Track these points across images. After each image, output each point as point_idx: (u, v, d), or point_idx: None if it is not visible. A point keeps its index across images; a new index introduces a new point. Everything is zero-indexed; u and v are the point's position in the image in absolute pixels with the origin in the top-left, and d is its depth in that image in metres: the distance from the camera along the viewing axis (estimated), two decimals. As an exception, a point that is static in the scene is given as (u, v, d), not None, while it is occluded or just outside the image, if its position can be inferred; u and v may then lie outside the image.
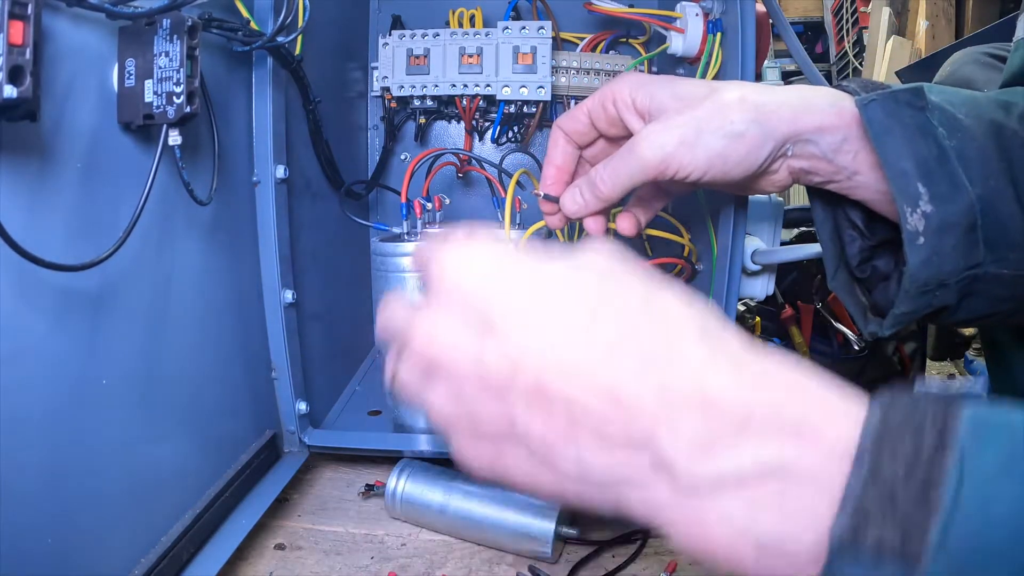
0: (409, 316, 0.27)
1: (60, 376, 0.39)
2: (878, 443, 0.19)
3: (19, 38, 0.30)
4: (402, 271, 0.65)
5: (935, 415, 0.19)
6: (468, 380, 0.25)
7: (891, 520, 0.19)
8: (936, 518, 0.18)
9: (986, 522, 0.18)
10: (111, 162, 0.42)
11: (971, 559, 0.18)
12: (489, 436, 0.25)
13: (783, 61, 3.18)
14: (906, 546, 0.18)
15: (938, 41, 2.05)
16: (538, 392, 0.23)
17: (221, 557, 0.51)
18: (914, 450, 0.19)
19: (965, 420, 0.19)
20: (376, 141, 0.96)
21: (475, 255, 0.26)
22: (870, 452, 0.19)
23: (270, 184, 0.61)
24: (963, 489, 0.18)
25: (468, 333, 0.25)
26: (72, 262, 0.36)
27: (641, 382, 0.22)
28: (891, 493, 0.19)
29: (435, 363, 0.26)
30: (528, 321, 0.24)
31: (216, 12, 0.48)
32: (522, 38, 0.79)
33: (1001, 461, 0.19)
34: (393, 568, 0.57)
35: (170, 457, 0.50)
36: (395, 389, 0.28)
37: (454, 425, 0.26)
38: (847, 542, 0.19)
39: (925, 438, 0.19)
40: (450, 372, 0.25)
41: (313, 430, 0.69)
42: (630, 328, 0.23)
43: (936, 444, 0.19)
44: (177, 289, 0.50)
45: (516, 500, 0.59)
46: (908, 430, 0.19)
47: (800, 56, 0.68)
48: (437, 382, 0.26)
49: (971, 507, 0.18)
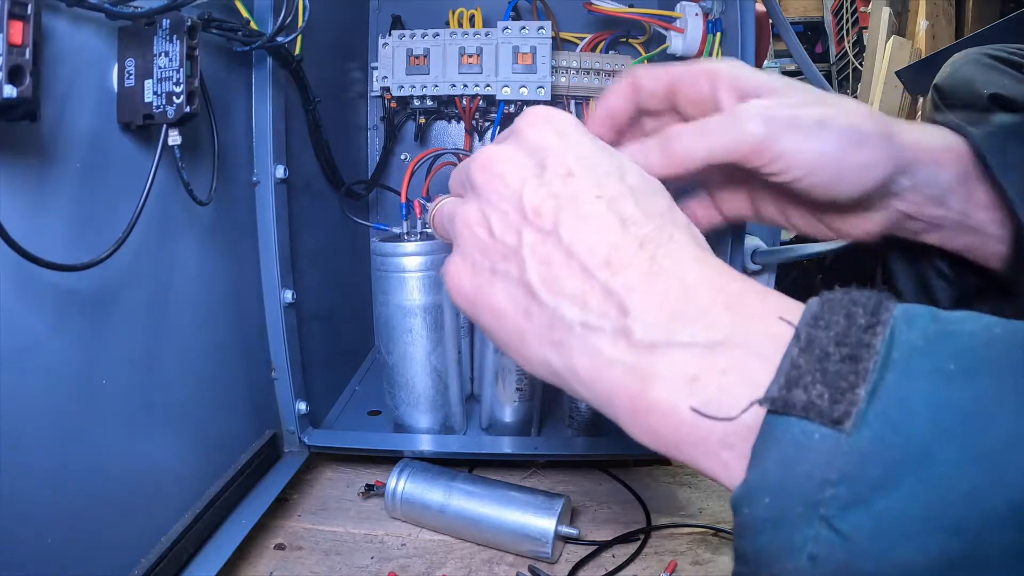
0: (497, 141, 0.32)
1: (60, 376, 0.39)
2: (814, 321, 0.21)
3: (19, 38, 0.30)
4: (402, 271, 0.65)
5: (868, 302, 0.21)
6: (503, 201, 0.29)
7: (820, 383, 0.20)
8: (863, 385, 0.19)
9: (910, 395, 0.19)
10: (111, 162, 0.42)
11: (895, 431, 0.19)
12: (490, 258, 0.29)
13: (783, 61, 3.18)
14: (833, 408, 0.19)
15: (938, 41, 2.05)
16: (553, 228, 0.27)
17: (221, 557, 0.51)
18: (847, 325, 0.21)
19: (897, 309, 0.21)
20: (376, 141, 0.96)
21: (554, 119, 0.31)
22: (806, 327, 0.21)
23: (270, 184, 0.61)
24: (890, 361, 0.19)
25: (525, 167, 0.29)
26: (72, 262, 0.36)
27: (638, 253, 0.26)
28: (822, 358, 0.20)
29: (487, 181, 0.30)
30: (570, 173, 0.28)
31: (216, 12, 0.48)
32: (522, 38, 0.79)
33: (927, 338, 0.20)
34: (393, 568, 0.57)
35: (170, 457, 0.50)
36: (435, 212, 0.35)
37: (468, 239, 0.30)
38: (779, 404, 0.20)
39: (858, 318, 0.21)
40: (494, 188, 0.29)
41: (313, 430, 0.69)
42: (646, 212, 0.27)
43: (868, 323, 0.20)
44: (177, 289, 0.50)
45: (516, 500, 0.59)
46: (842, 311, 0.21)
47: (800, 56, 0.68)
48: (474, 195, 0.30)
49: (897, 379, 0.19)
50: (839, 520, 0.19)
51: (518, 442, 0.68)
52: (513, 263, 0.28)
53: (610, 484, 0.71)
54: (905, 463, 0.18)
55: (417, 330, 0.66)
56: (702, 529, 0.62)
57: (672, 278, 0.25)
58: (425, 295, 0.65)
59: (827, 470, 0.19)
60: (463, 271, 0.30)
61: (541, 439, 0.70)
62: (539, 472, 0.73)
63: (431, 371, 0.67)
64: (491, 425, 0.71)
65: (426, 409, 0.69)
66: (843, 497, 0.19)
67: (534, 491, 0.61)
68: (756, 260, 0.63)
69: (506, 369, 0.67)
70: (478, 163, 0.31)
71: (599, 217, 0.27)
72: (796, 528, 0.19)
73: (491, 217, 0.29)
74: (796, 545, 0.19)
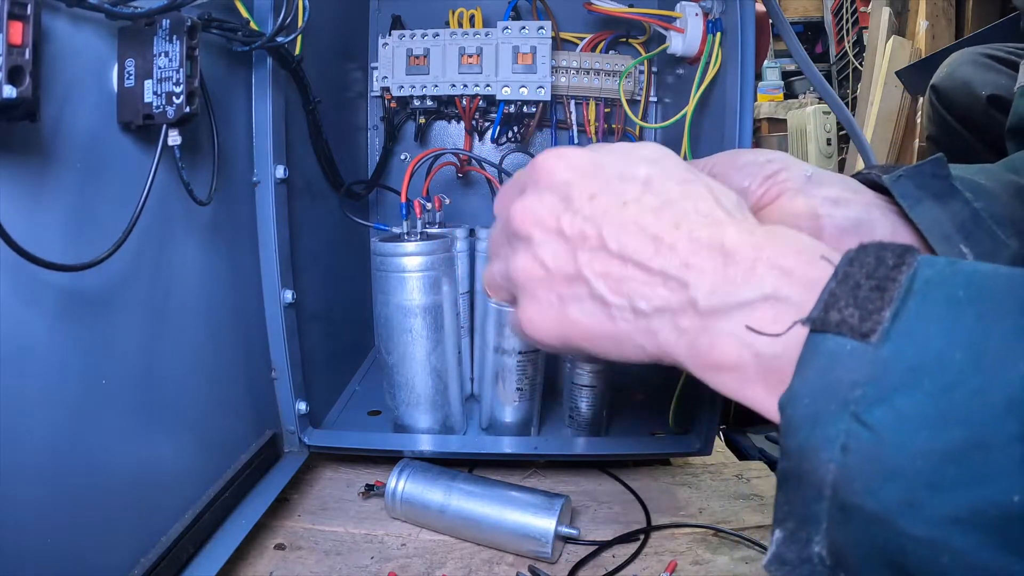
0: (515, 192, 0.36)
1: (60, 376, 0.39)
2: (849, 262, 0.25)
3: (19, 38, 0.30)
4: (402, 271, 0.65)
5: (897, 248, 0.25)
6: (548, 239, 0.33)
7: (852, 306, 0.24)
8: (888, 308, 0.23)
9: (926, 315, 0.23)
10: (111, 162, 0.42)
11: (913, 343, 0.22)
12: (557, 290, 0.32)
13: (783, 61, 3.18)
14: (863, 324, 0.23)
15: (938, 41, 2.05)
16: (600, 246, 0.31)
17: (221, 557, 0.51)
18: (876, 264, 0.25)
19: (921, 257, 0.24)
20: (376, 141, 0.96)
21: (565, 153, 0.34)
22: (843, 266, 0.25)
23: (270, 184, 0.61)
24: (912, 291, 0.23)
25: (552, 206, 0.33)
26: (72, 262, 0.36)
27: (676, 231, 0.29)
28: (855, 288, 0.24)
29: (526, 229, 0.33)
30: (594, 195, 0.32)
31: (216, 12, 0.48)
32: (522, 38, 0.79)
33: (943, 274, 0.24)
34: (393, 568, 0.57)
35: (170, 457, 0.50)
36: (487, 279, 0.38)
37: (529, 281, 0.33)
38: (818, 323, 0.24)
39: (887, 259, 0.25)
40: (535, 235, 0.33)
41: (313, 430, 0.69)
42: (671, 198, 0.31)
43: (895, 263, 0.24)
44: (177, 289, 0.50)
45: (516, 500, 0.59)
46: (874, 254, 0.25)
47: (800, 56, 0.68)
48: (520, 245, 0.34)
49: (916, 304, 0.23)
50: (866, 414, 0.22)
51: (518, 442, 0.68)
52: (579, 285, 0.32)
53: (610, 484, 0.71)
54: (921, 368, 0.22)
55: (417, 330, 0.66)
56: (702, 529, 0.62)
57: (713, 247, 0.28)
58: (425, 295, 0.65)
59: (856, 374, 0.23)
60: (537, 314, 0.34)
61: (541, 439, 0.70)
62: (539, 472, 0.73)
63: (431, 371, 0.67)
64: (491, 425, 0.71)
65: (426, 409, 0.69)
66: (870, 396, 0.22)
67: (534, 491, 0.61)
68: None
69: (506, 369, 0.67)
70: (514, 219, 0.34)
71: (633, 219, 0.30)
72: (830, 423, 0.23)
73: (543, 256, 0.33)
74: (830, 437, 0.23)
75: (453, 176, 0.93)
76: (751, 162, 0.42)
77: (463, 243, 0.79)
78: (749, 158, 0.42)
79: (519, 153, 0.92)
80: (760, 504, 0.67)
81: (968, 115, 0.94)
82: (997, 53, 0.94)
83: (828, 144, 2.66)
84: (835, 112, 0.68)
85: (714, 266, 0.28)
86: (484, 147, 0.95)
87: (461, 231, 0.79)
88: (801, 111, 2.77)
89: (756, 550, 0.59)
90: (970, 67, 0.94)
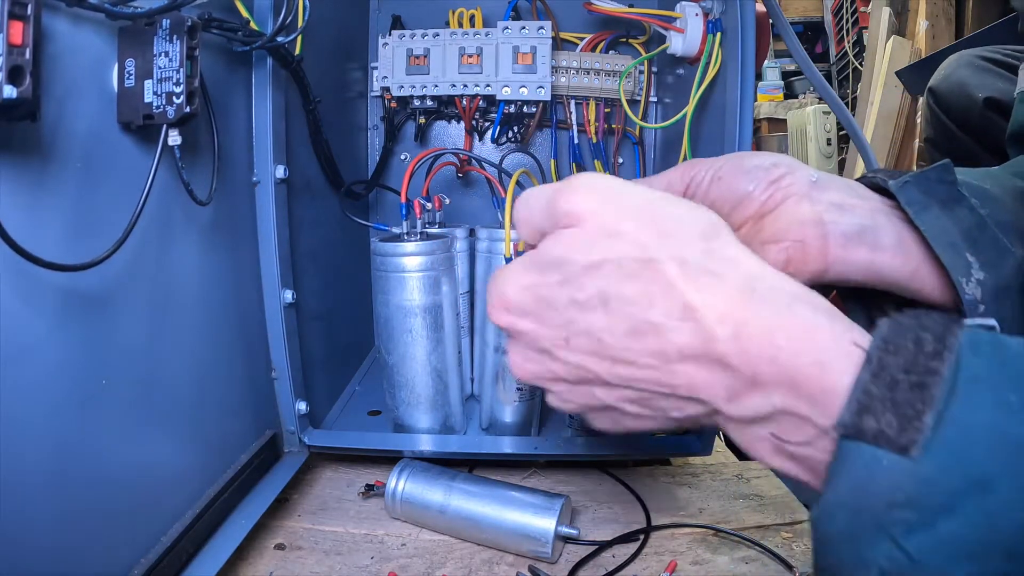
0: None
1: (60, 376, 0.39)
2: (884, 345, 0.23)
3: (19, 38, 0.30)
4: (402, 271, 0.65)
5: (936, 327, 0.23)
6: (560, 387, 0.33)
7: (890, 411, 0.22)
8: (929, 412, 0.21)
9: (972, 425, 0.21)
10: (111, 162, 0.42)
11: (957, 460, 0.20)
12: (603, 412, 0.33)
13: (783, 61, 3.18)
14: (901, 436, 0.21)
15: (938, 41, 2.05)
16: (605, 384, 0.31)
17: (221, 557, 0.51)
18: (915, 352, 0.22)
19: (963, 335, 0.22)
20: (376, 141, 0.96)
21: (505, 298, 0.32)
22: (877, 351, 0.23)
23: (270, 184, 0.61)
24: (955, 390, 0.21)
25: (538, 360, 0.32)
26: (72, 262, 0.36)
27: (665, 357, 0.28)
28: (892, 386, 0.22)
29: (533, 383, 0.34)
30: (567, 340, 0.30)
31: (216, 12, 0.48)
32: (522, 38, 0.79)
33: (991, 367, 0.21)
34: (393, 568, 0.57)
35: (170, 457, 0.50)
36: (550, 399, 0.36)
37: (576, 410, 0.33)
38: (851, 431, 0.22)
39: (926, 344, 0.22)
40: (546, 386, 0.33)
41: (313, 430, 0.69)
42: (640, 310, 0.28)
43: (935, 350, 0.22)
44: (177, 289, 0.50)
45: (516, 500, 0.59)
46: (911, 336, 0.23)
47: (800, 56, 0.68)
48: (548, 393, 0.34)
49: (960, 410, 0.21)
50: (905, 540, 0.21)
51: (518, 442, 0.68)
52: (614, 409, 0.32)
53: (610, 484, 0.71)
54: (966, 491, 0.20)
55: (417, 330, 0.66)
56: (702, 529, 0.62)
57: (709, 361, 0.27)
58: (425, 295, 0.65)
59: (894, 493, 0.21)
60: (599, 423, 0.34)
61: (541, 439, 0.70)
62: (539, 472, 0.73)
63: (431, 371, 0.67)
64: (491, 425, 0.71)
65: (426, 409, 0.69)
66: (909, 520, 0.21)
67: (534, 491, 0.61)
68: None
69: (506, 369, 0.67)
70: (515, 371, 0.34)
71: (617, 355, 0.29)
72: (868, 545, 0.22)
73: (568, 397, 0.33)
74: (867, 560, 0.22)
75: (453, 176, 0.93)
76: (756, 166, 0.41)
77: (463, 243, 0.79)
78: (755, 162, 0.41)
79: (519, 153, 0.92)
80: (760, 504, 0.67)
81: (965, 118, 0.94)
82: (994, 56, 0.94)
83: (828, 144, 2.66)
84: (835, 112, 0.68)
85: (717, 379, 0.27)
86: (484, 147, 0.95)
87: (461, 231, 0.79)
88: (801, 111, 2.77)
89: (756, 550, 0.59)
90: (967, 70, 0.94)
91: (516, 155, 0.92)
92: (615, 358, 0.29)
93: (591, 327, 0.29)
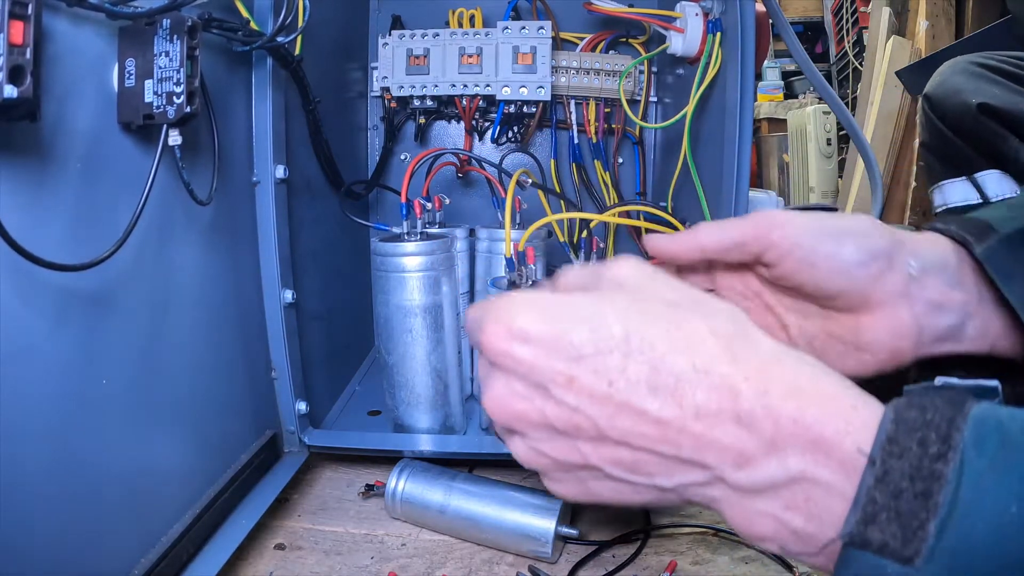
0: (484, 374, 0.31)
1: (60, 376, 0.39)
2: (889, 445, 0.23)
3: (19, 38, 0.30)
4: (402, 271, 0.65)
5: (941, 424, 0.22)
6: (540, 435, 0.29)
7: (895, 522, 0.22)
8: (933, 520, 0.21)
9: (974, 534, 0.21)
10: (111, 162, 0.42)
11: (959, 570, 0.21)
12: (572, 472, 0.30)
13: (783, 61, 3.18)
14: (905, 547, 0.21)
15: (938, 41, 2.05)
16: (599, 435, 0.27)
17: (221, 557, 0.51)
18: (920, 454, 0.22)
19: (968, 428, 0.22)
20: (376, 141, 0.96)
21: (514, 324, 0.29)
22: (881, 452, 0.22)
23: (270, 184, 0.61)
24: (958, 499, 0.21)
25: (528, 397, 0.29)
26: (72, 262, 0.36)
27: (680, 409, 0.26)
28: (896, 495, 0.22)
29: (509, 424, 0.30)
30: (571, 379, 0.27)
31: (216, 12, 0.48)
32: (522, 38, 0.79)
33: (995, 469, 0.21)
34: (393, 568, 0.57)
35: (170, 457, 0.50)
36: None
37: (541, 468, 0.30)
38: (856, 540, 0.22)
39: (930, 445, 0.22)
40: (524, 430, 0.30)
41: (313, 430, 0.69)
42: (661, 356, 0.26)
43: (939, 452, 0.22)
44: (177, 289, 0.50)
45: (516, 500, 0.59)
46: (916, 436, 0.22)
47: (800, 56, 0.68)
48: (516, 437, 0.31)
49: (964, 508, 0.21)
50: None
51: (518, 442, 0.68)
52: (593, 470, 0.29)
53: (610, 484, 0.71)
54: None
55: (417, 330, 0.66)
56: (702, 529, 0.62)
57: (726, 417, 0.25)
58: (425, 295, 0.65)
59: None
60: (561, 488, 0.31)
61: (541, 439, 0.70)
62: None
63: (431, 371, 0.67)
64: (491, 425, 0.71)
65: (426, 409, 0.69)
66: None
67: (534, 491, 0.61)
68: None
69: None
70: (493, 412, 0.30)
71: (625, 402, 0.26)
72: None
73: (544, 449, 0.30)
74: None
75: (453, 176, 0.94)
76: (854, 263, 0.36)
77: (463, 243, 0.79)
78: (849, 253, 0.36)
79: (519, 153, 0.92)
80: (760, 504, 0.67)
81: (959, 123, 0.95)
82: (988, 62, 0.95)
83: (828, 144, 2.66)
84: (835, 112, 0.68)
85: (732, 439, 0.25)
86: (484, 147, 0.95)
87: (461, 231, 0.79)
88: (801, 111, 2.77)
89: (756, 550, 0.59)
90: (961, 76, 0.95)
91: (516, 155, 0.92)
92: (621, 405, 0.27)
93: (605, 366, 0.27)
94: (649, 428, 0.26)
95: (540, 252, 0.76)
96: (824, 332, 0.40)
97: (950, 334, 0.37)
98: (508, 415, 0.29)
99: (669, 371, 0.26)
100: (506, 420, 0.30)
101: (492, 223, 0.82)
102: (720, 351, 0.26)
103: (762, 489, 0.25)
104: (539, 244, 0.76)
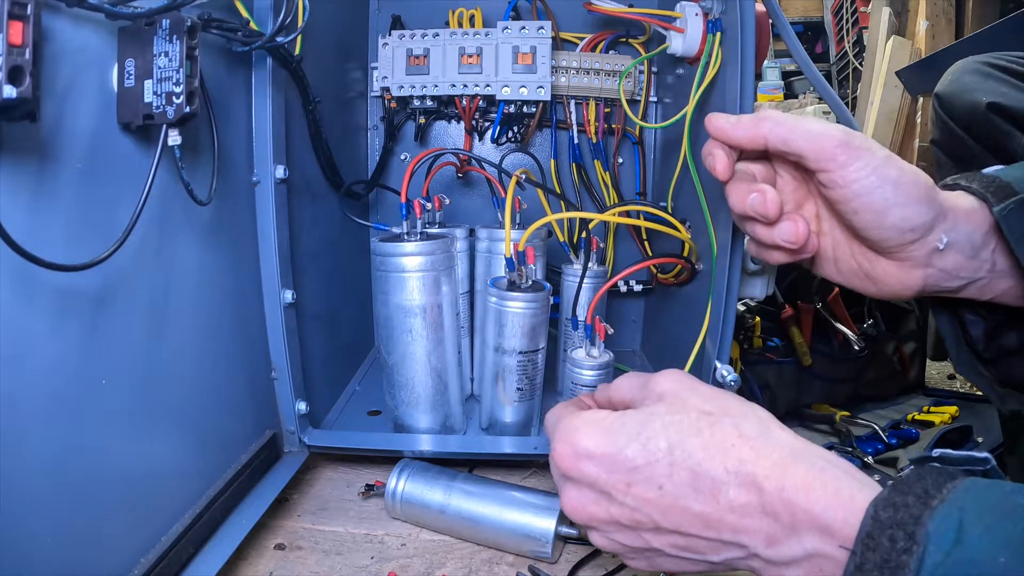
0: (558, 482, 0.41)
1: (60, 376, 0.39)
2: (867, 540, 0.29)
3: (19, 38, 0.30)
4: (402, 271, 0.65)
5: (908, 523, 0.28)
6: (611, 528, 0.38)
7: None
8: None
9: None
10: (111, 162, 0.42)
11: None
12: (641, 553, 0.39)
13: (783, 61, 3.18)
14: None
15: (938, 41, 2.05)
16: (657, 527, 0.36)
17: (221, 557, 0.51)
18: (890, 548, 0.28)
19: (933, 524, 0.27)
20: (376, 141, 0.96)
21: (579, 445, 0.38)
22: (861, 545, 0.29)
23: (270, 184, 0.61)
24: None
25: (597, 501, 0.38)
26: (72, 262, 0.36)
27: (717, 504, 0.34)
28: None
29: (586, 523, 0.39)
30: (629, 485, 0.36)
31: (216, 12, 0.48)
32: (522, 38, 0.79)
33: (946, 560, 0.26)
34: (393, 568, 0.57)
35: (170, 457, 0.50)
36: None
37: (617, 552, 0.40)
38: None
39: (898, 540, 0.28)
40: (598, 526, 0.39)
41: (313, 430, 0.69)
42: (699, 463, 0.35)
43: (905, 546, 0.27)
44: (177, 289, 0.50)
45: (516, 500, 0.59)
46: (887, 533, 0.28)
47: (800, 56, 0.68)
48: (594, 531, 0.40)
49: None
50: None
51: (518, 442, 0.68)
52: (656, 552, 0.37)
53: (610, 484, 0.70)
54: None
55: (417, 330, 0.66)
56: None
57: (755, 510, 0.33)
58: (425, 295, 0.65)
59: None
60: (636, 564, 0.40)
61: (541, 439, 0.70)
62: (539, 472, 0.73)
63: (431, 371, 0.67)
64: (491, 425, 0.71)
65: (426, 409, 0.69)
66: None
67: (534, 491, 0.61)
68: (756, 259, 0.63)
69: (506, 369, 0.67)
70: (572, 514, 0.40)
71: (674, 503, 0.35)
72: None
73: (616, 538, 0.39)
74: None
75: (453, 176, 0.93)
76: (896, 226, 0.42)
77: (463, 243, 0.79)
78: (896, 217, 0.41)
79: (519, 153, 0.92)
80: (760, 504, 0.67)
81: (969, 120, 0.96)
82: (998, 62, 0.96)
83: (828, 144, 2.66)
84: (835, 112, 0.68)
85: (760, 526, 0.33)
86: (484, 147, 0.95)
87: (461, 231, 0.79)
88: (801, 111, 2.77)
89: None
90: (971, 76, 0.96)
91: (516, 155, 0.92)
92: (671, 505, 0.35)
93: (654, 474, 0.35)
94: (694, 520, 0.35)
95: (540, 252, 0.76)
96: (846, 246, 0.46)
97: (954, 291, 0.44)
98: (584, 517, 0.39)
99: (706, 474, 0.34)
100: (583, 520, 0.39)
101: (492, 223, 0.82)
102: (747, 452, 0.34)
103: (788, 562, 0.32)
104: (539, 244, 0.76)
